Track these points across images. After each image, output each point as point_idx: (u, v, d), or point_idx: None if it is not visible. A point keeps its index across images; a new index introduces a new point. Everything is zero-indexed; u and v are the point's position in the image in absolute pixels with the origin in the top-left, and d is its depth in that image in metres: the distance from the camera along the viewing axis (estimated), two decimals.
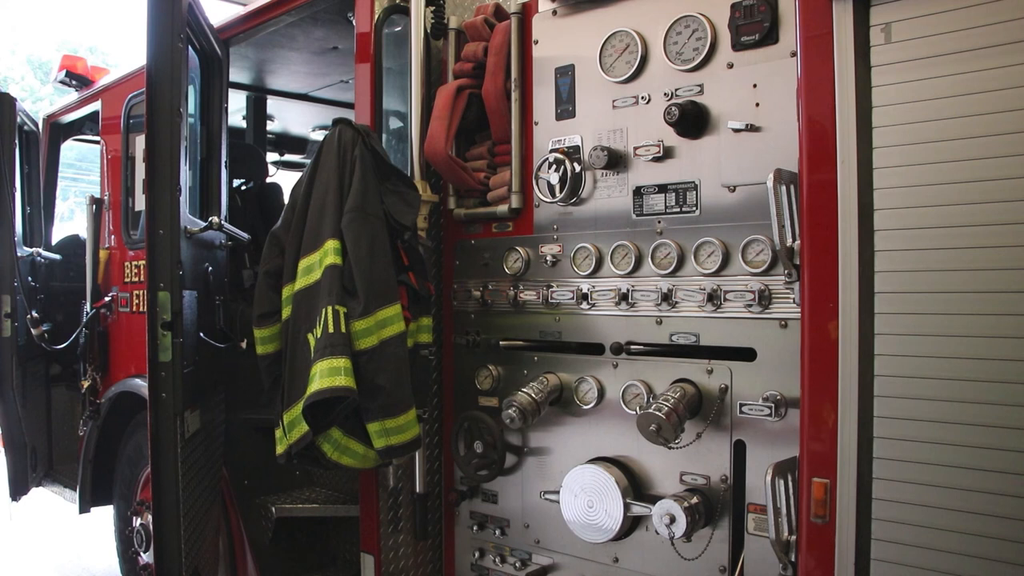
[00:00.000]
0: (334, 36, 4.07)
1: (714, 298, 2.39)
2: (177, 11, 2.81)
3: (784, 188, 2.06)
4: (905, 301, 1.85)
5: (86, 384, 4.32)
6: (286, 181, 5.69)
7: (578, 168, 2.72)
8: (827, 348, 1.93)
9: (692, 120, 2.41)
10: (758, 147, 2.32)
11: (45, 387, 5.21)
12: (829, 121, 1.92)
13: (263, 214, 4.87)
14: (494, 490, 3.02)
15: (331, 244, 2.67)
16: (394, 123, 3.51)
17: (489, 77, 2.94)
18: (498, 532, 3.01)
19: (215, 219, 3.15)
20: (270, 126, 5.69)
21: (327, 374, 2.51)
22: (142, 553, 3.89)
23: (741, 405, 2.34)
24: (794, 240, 2.06)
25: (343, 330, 2.57)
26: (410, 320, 2.78)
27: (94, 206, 4.46)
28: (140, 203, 4.03)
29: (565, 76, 2.80)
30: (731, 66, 2.40)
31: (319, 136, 5.89)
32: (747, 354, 2.35)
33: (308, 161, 3.84)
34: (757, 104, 2.33)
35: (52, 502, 5.40)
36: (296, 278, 2.76)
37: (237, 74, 4.68)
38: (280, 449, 2.77)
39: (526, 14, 2.91)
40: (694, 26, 2.46)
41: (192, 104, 3.54)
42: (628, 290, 2.60)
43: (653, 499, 2.44)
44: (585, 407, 2.70)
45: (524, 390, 2.71)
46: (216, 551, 3.54)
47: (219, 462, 3.56)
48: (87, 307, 4.32)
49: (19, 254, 4.64)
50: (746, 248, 2.34)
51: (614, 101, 2.66)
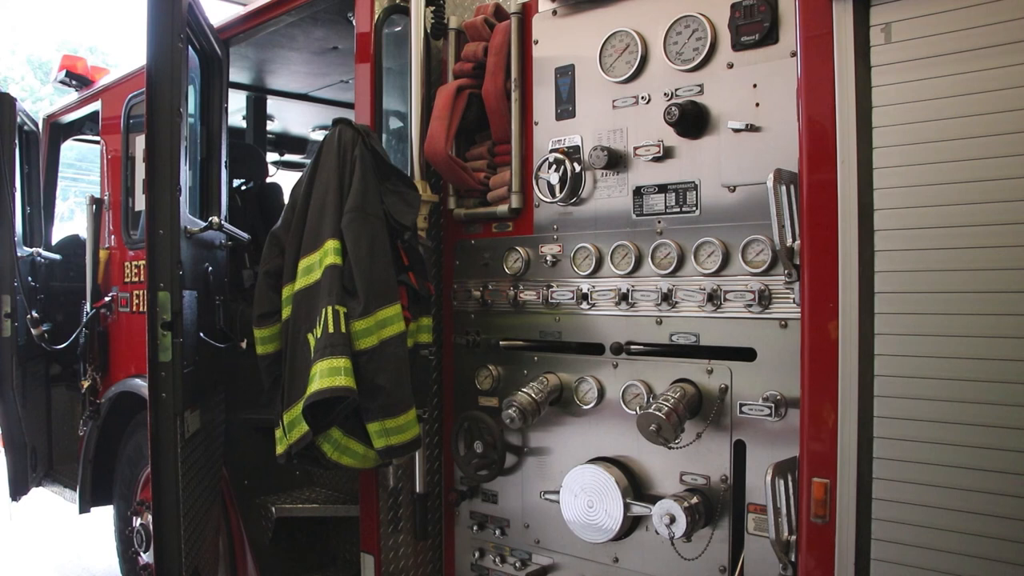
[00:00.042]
0: (334, 36, 4.07)
1: (714, 298, 2.39)
2: (177, 11, 2.81)
3: (784, 188, 2.06)
4: (905, 301, 1.85)
5: (86, 384, 4.33)
6: (286, 181, 5.69)
7: (578, 168, 2.72)
8: (827, 348, 1.93)
9: (692, 120, 2.41)
10: (758, 147, 2.32)
11: (45, 387, 5.21)
12: (829, 121, 1.92)
13: (263, 214, 4.87)
14: (494, 490, 3.02)
15: (331, 244, 2.67)
16: (394, 123, 3.51)
17: (489, 77, 2.94)
18: (498, 532, 3.01)
19: (215, 219, 3.15)
20: (270, 126, 5.69)
21: (327, 374, 2.51)
22: (142, 553, 3.89)
23: (741, 405, 2.34)
24: (794, 240, 2.06)
25: (343, 330, 2.58)
26: (410, 320, 2.78)
27: (94, 206, 4.46)
28: (140, 203, 4.03)
29: (565, 76, 2.80)
30: (731, 66, 2.40)
31: (319, 136, 5.89)
32: (747, 354, 2.35)
33: (308, 161, 3.84)
34: (757, 104, 2.33)
35: (52, 502, 5.40)
36: (296, 278, 2.76)
37: (237, 74, 4.68)
38: (280, 449, 2.77)
39: (526, 14, 2.91)
40: (694, 26, 2.46)
41: (192, 104, 3.54)
42: (628, 290, 2.60)
43: (653, 499, 2.44)
44: (585, 407, 2.70)
45: (524, 390, 2.71)
46: (216, 551, 3.54)
47: (219, 462, 3.56)
48: (87, 307, 4.32)
49: (19, 254, 4.63)
50: (746, 248, 2.34)
51: (614, 101, 2.66)
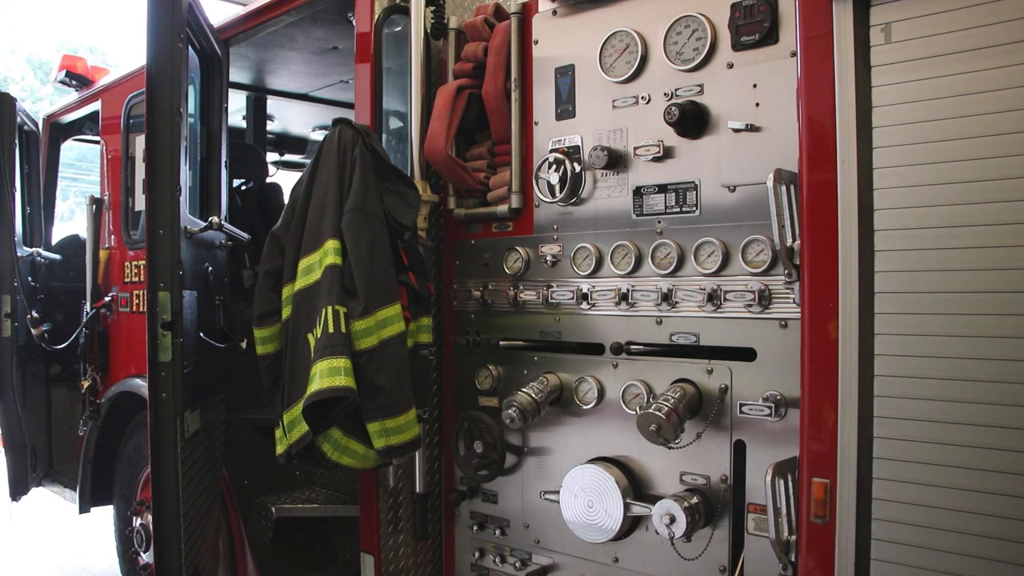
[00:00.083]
0: (334, 36, 4.07)
1: (714, 298, 2.39)
2: (177, 11, 2.81)
3: (784, 188, 2.06)
4: (905, 301, 1.85)
5: (86, 384, 4.33)
6: (286, 181, 5.69)
7: (578, 168, 2.72)
8: (827, 348, 1.93)
9: (692, 120, 2.41)
10: (758, 147, 2.32)
11: (45, 387, 5.21)
12: (829, 121, 1.92)
13: (263, 214, 4.87)
14: (494, 490, 3.02)
15: (331, 244, 2.67)
16: (394, 123, 3.51)
17: (489, 77, 2.94)
18: (498, 532, 3.01)
19: (215, 219, 3.15)
20: (270, 126, 5.69)
21: (327, 374, 2.51)
22: (142, 553, 3.89)
23: (741, 405, 2.34)
24: (794, 240, 2.06)
25: (343, 330, 2.58)
26: (410, 320, 2.78)
27: (94, 206, 4.47)
28: (140, 203, 4.03)
29: (565, 76, 2.80)
30: (731, 66, 2.40)
31: (319, 136, 5.89)
32: (747, 354, 2.35)
33: (308, 161, 3.84)
34: (757, 104, 2.33)
35: (52, 502, 5.40)
36: (296, 278, 2.76)
37: (237, 74, 4.68)
38: (280, 449, 2.77)
39: (526, 14, 2.91)
40: (694, 26, 2.46)
41: (192, 104, 3.54)
42: (628, 290, 2.60)
43: (653, 499, 2.44)
44: (585, 407, 2.70)
45: (524, 390, 2.71)
46: (216, 551, 3.54)
47: (219, 462, 3.56)
48: (87, 307, 4.32)
49: (19, 254, 4.63)
50: (746, 248, 2.34)
51: (614, 101, 2.66)
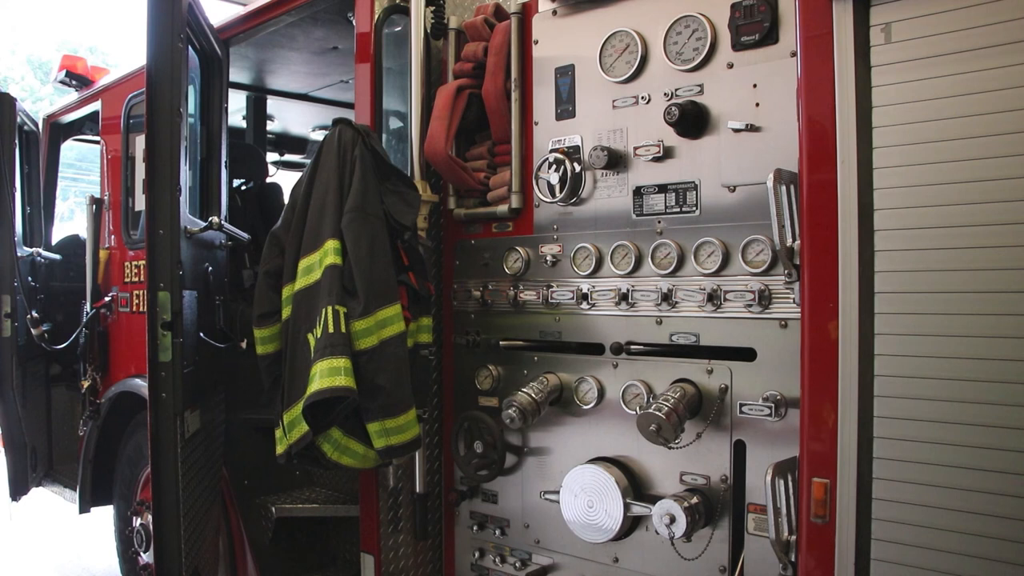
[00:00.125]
0: (334, 36, 4.07)
1: (714, 298, 2.39)
2: (177, 11, 2.81)
3: (784, 188, 2.06)
4: (905, 301, 1.85)
5: (86, 384, 4.33)
6: (286, 181, 5.69)
7: (578, 168, 2.72)
8: (827, 348, 1.93)
9: (692, 120, 2.41)
10: (758, 147, 2.32)
11: (45, 387, 5.21)
12: (829, 121, 1.92)
13: (263, 214, 4.87)
14: (494, 490, 3.02)
15: (331, 244, 2.67)
16: (394, 123, 3.51)
17: (489, 77, 2.94)
18: (498, 532, 3.01)
19: (215, 219, 3.15)
20: (270, 126, 5.69)
21: (327, 374, 2.51)
22: (142, 553, 3.89)
23: (741, 405, 2.34)
24: (794, 240, 2.06)
25: (343, 330, 2.58)
26: (410, 320, 2.78)
27: (94, 206, 4.47)
28: (140, 203, 4.03)
29: (565, 76, 2.80)
30: (731, 66, 2.39)
31: (319, 136, 5.89)
32: (747, 354, 2.35)
33: (308, 161, 3.84)
34: (757, 104, 2.33)
35: (52, 502, 5.40)
36: (296, 278, 2.76)
37: (237, 74, 4.68)
38: (280, 449, 2.77)
39: (526, 14, 2.91)
40: (694, 26, 2.46)
41: (192, 104, 3.54)
42: (628, 290, 2.60)
43: (653, 499, 2.44)
44: (585, 407, 2.70)
45: (524, 390, 2.71)
46: (216, 551, 3.54)
47: (219, 462, 3.56)
48: (87, 307, 4.32)
49: (19, 254, 4.63)
50: (746, 248, 2.34)
51: (614, 101, 2.66)
